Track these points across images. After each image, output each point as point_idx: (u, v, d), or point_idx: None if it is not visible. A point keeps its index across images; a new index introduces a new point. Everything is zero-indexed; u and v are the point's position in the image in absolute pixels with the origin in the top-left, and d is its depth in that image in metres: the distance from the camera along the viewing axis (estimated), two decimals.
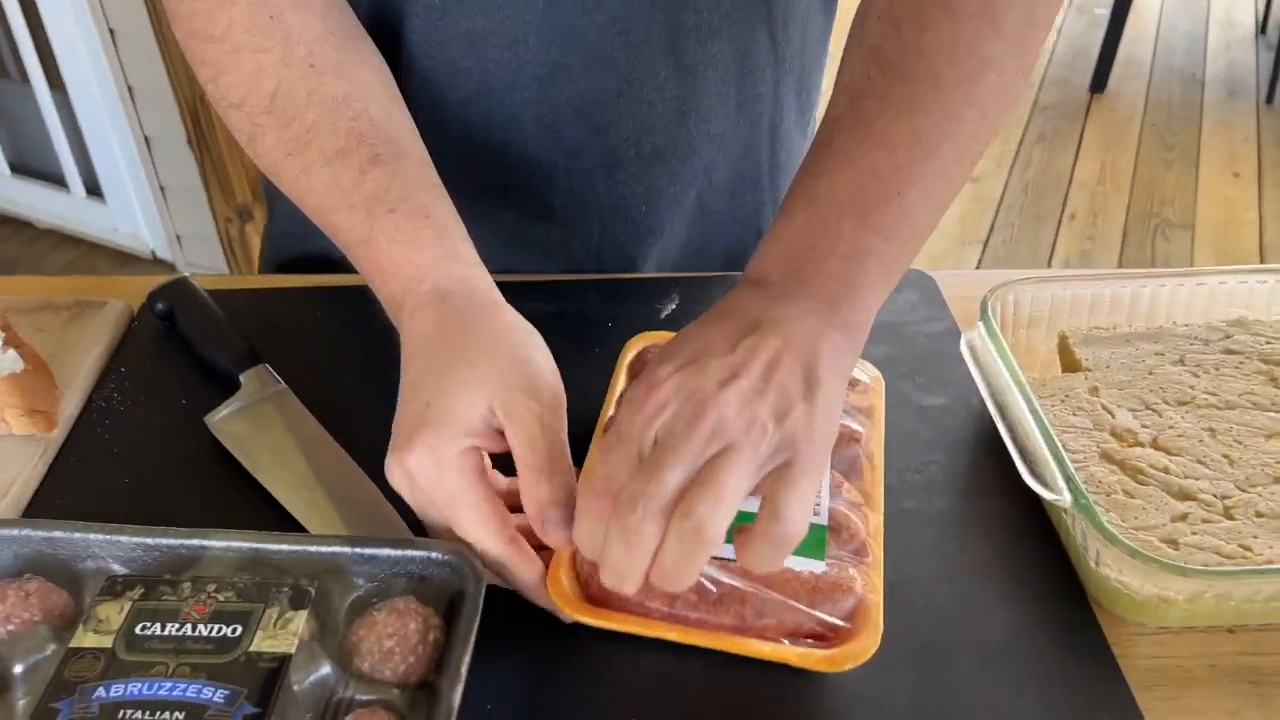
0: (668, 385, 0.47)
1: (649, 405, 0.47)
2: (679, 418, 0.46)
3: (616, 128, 0.75)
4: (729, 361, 0.47)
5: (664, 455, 0.45)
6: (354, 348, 0.74)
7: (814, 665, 0.51)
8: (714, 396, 0.46)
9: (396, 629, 0.49)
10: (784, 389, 0.47)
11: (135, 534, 0.54)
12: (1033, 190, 2.97)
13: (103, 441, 0.67)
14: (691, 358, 0.48)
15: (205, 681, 0.47)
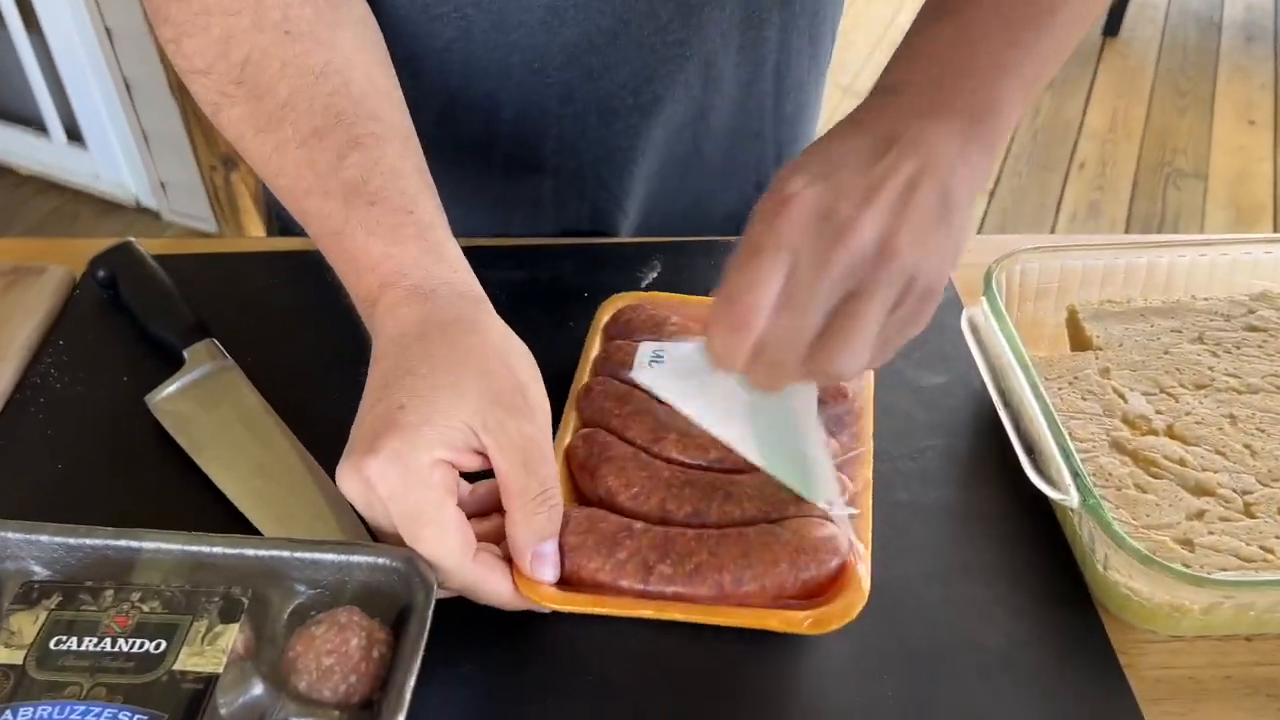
0: (804, 200, 0.44)
1: (785, 218, 0.44)
2: (817, 245, 0.43)
3: (612, 73, 0.70)
4: (867, 180, 0.44)
5: (804, 290, 0.43)
6: (316, 321, 0.69)
7: (798, 628, 0.48)
8: (853, 221, 0.43)
9: (336, 645, 0.45)
10: (923, 213, 0.44)
11: (57, 533, 0.49)
12: (1041, 138, 2.89)
13: (37, 422, 0.62)
14: (826, 172, 0.45)
15: (121, 705, 0.43)
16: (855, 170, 0.45)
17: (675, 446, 0.56)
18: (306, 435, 0.60)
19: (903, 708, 0.49)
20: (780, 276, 0.44)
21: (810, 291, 0.43)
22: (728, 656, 0.50)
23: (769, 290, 0.43)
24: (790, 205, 0.44)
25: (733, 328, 0.44)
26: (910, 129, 0.46)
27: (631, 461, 0.55)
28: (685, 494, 0.53)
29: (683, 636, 0.51)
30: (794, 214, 0.44)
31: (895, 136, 0.46)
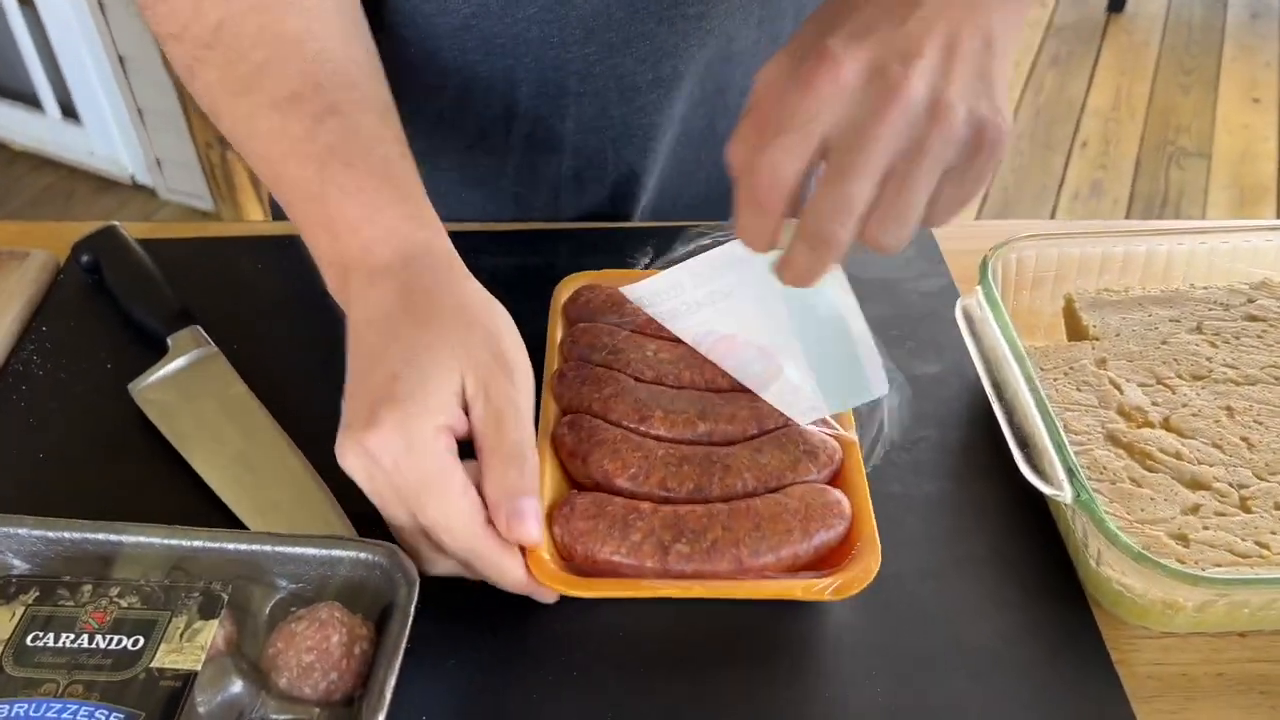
0: (847, 63, 0.40)
1: (824, 84, 0.40)
2: (862, 109, 0.40)
3: (631, 48, 0.68)
4: (907, 33, 0.41)
5: (853, 158, 0.40)
6: (302, 308, 0.68)
7: (820, 597, 0.48)
8: (899, 79, 0.40)
9: (317, 641, 0.44)
10: (970, 64, 0.41)
11: (35, 526, 0.49)
12: (1044, 117, 2.87)
13: (19, 410, 0.61)
14: (861, 28, 0.41)
15: (98, 703, 0.42)
16: (893, 22, 0.41)
17: (663, 424, 0.55)
18: (292, 424, 0.60)
19: (893, 704, 0.48)
20: (806, 152, 0.41)
21: (861, 161, 0.40)
22: (721, 641, 0.50)
23: (795, 166, 0.41)
24: (833, 69, 0.40)
25: (759, 207, 0.42)
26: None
27: (623, 443, 0.54)
28: (684, 470, 0.53)
29: (665, 618, 0.51)
30: (841, 78, 0.40)
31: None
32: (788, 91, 0.41)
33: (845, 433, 0.56)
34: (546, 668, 0.49)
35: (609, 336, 0.60)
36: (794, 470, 0.53)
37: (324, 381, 0.63)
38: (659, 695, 0.48)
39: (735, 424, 0.56)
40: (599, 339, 0.60)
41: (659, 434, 0.55)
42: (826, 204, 0.41)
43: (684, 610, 0.51)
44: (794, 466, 0.53)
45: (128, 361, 0.64)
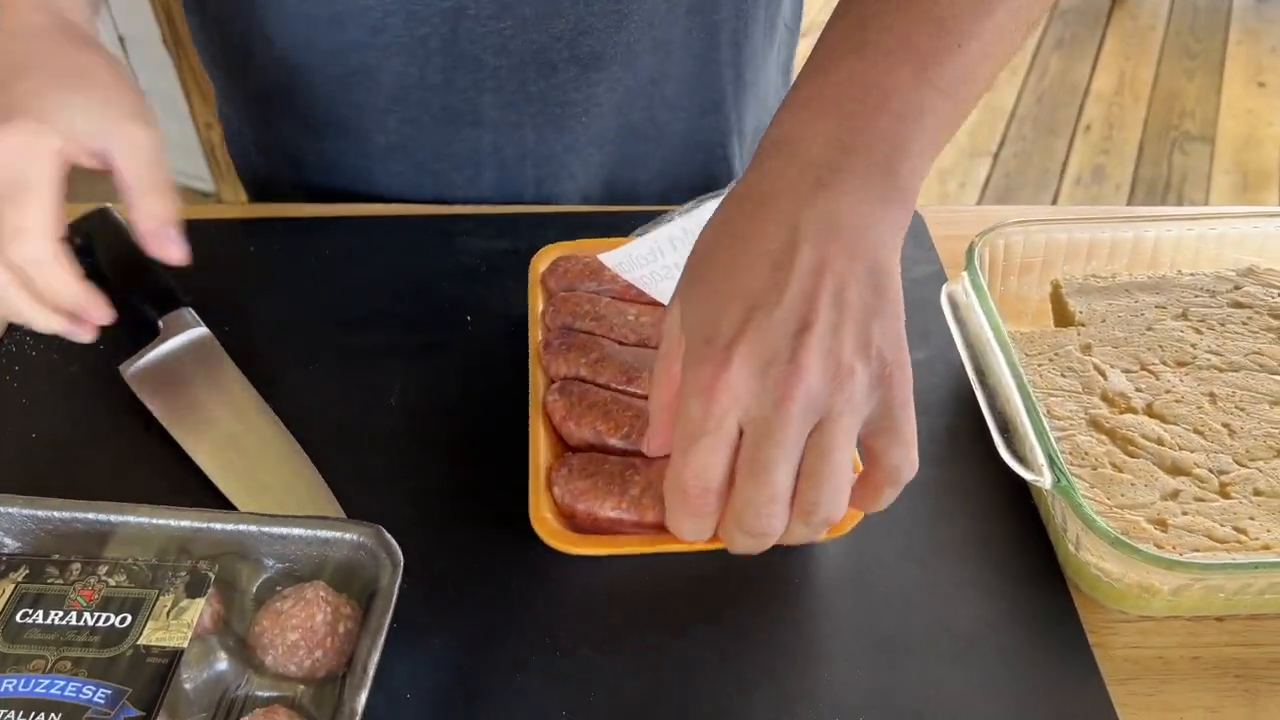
0: (735, 363, 0.40)
1: (722, 391, 0.40)
2: (764, 402, 0.40)
3: (547, 24, 0.69)
4: (790, 308, 0.40)
5: (765, 453, 0.40)
6: (292, 290, 0.69)
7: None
8: (793, 364, 0.40)
9: (302, 620, 0.45)
10: (859, 310, 0.41)
11: (26, 505, 0.49)
12: (1047, 101, 2.85)
13: (11, 390, 0.62)
14: (746, 312, 0.41)
15: (86, 679, 0.43)
16: (775, 293, 0.41)
17: (648, 383, 0.56)
18: (282, 406, 0.60)
19: (874, 684, 0.49)
20: (726, 452, 0.41)
21: (774, 451, 0.40)
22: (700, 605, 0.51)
23: (720, 469, 0.41)
24: (725, 371, 0.40)
25: (694, 513, 0.43)
26: (817, 205, 0.42)
27: (613, 404, 0.56)
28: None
29: (646, 587, 0.52)
30: (732, 382, 0.40)
31: (801, 223, 0.42)
32: (689, 397, 0.41)
33: None
34: (529, 648, 0.50)
35: (590, 304, 0.61)
36: None
37: (314, 364, 0.64)
38: (639, 676, 0.49)
39: None
40: (580, 306, 0.61)
41: (647, 393, 0.57)
42: (753, 498, 0.41)
43: (663, 574, 0.52)
44: None
45: (119, 343, 0.64)
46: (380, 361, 0.63)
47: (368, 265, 0.70)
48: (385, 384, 0.62)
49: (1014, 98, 2.87)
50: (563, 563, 0.52)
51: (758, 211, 0.43)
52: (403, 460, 0.58)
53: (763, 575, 0.53)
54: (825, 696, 0.48)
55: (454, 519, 0.55)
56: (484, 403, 0.61)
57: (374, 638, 0.44)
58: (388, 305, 0.67)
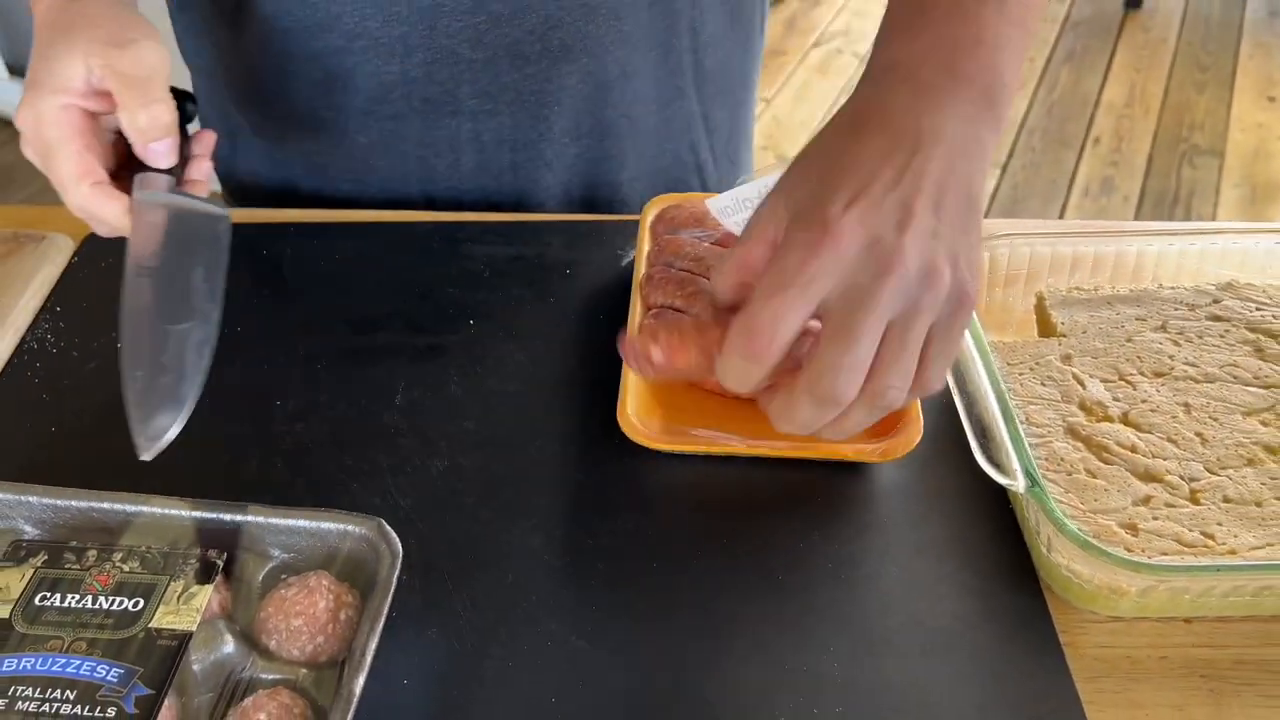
0: (844, 232, 0.43)
1: (828, 248, 0.43)
2: (863, 272, 0.43)
3: (519, 19, 0.73)
4: (900, 197, 0.44)
5: (857, 319, 0.43)
6: (301, 292, 0.72)
7: (869, 459, 0.58)
8: (894, 246, 0.43)
9: (305, 607, 0.48)
10: (956, 225, 0.45)
11: (44, 494, 0.52)
12: (1057, 113, 2.87)
13: (32, 385, 0.65)
14: (858, 190, 0.44)
15: (100, 659, 0.45)
16: (887, 183, 0.44)
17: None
18: (291, 402, 0.63)
19: (850, 679, 0.51)
20: (806, 311, 0.44)
21: (866, 322, 0.43)
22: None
23: (794, 324, 0.44)
24: (835, 239, 0.43)
25: (751, 356, 0.44)
26: (928, 120, 0.46)
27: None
28: None
29: (635, 568, 0.54)
30: (841, 247, 0.43)
31: (915, 133, 0.46)
32: (789, 250, 0.44)
33: None
34: (522, 639, 0.52)
35: (691, 247, 0.66)
36: None
37: (322, 363, 0.67)
38: (626, 667, 0.51)
39: None
40: (682, 249, 0.66)
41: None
42: (834, 362, 0.44)
43: (651, 563, 0.54)
44: None
45: None
46: (385, 362, 0.66)
47: (375, 269, 0.72)
48: (389, 383, 0.64)
49: (1024, 109, 2.88)
50: (553, 555, 0.55)
51: (879, 115, 0.47)
52: (405, 456, 0.60)
53: (746, 571, 0.55)
54: (805, 687, 0.50)
55: (453, 513, 0.58)
56: (483, 401, 0.64)
57: (373, 624, 0.47)
58: (394, 308, 0.69)
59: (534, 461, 0.60)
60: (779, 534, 0.57)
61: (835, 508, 0.58)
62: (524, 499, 0.58)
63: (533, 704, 0.50)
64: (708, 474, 0.60)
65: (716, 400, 0.62)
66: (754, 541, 0.56)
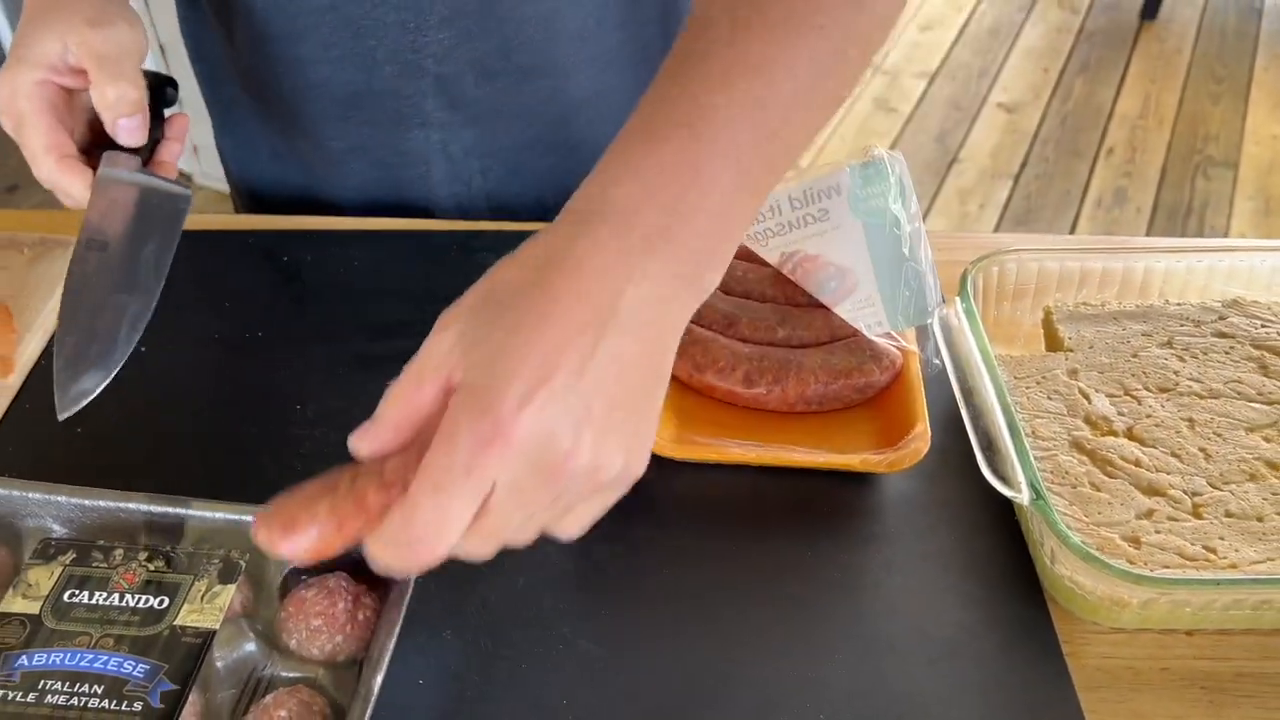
0: (519, 429, 0.39)
1: (495, 452, 0.39)
2: (527, 474, 0.40)
3: (484, 37, 0.75)
4: (582, 393, 0.40)
5: (501, 524, 0.40)
6: (319, 298, 0.73)
7: (876, 468, 0.59)
8: (567, 454, 0.40)
9: (324, 608, 0.49)
10: (637, 408, 0.42)
11: (72, 494, 0.54)
12: (1070, 123, 2.87)
13: None
14: (538, 380, 0.39)
15: (127, 654, 0.47)
16: (568, 373, 0.39)
17: (748, 329, 0.65)
18: (308, 410, 0.64)
19: (853, 685, 0.52)
20: (476, 505, 0.39)
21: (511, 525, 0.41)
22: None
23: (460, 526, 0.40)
24: (506, 434, 0.39)
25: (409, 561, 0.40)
26: (626, 298, 0.41)
27: (713, 343, 0.64)
28: (765, 365, 0.63)
29: (646, 575, 0.54)
30: (512, 446, 0.39)
31: (608, 310, 0.41)
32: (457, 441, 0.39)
33: (907, 345, 0.65)
34: (533, 639, 0.53)
35: None
36: (860, 370, 0.63)
37: (340, 369, 0.68)
38: (634, 670, 0.52)
39: (811, 331, 0.65)
40: None
41: (744, 336, 0.65)
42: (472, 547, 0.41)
43: (660, 571, 0.56)
44: (860, 367, 0.63)
45: (162, 343, 0.68)
46: (398, 370, 0.67)
47: (392, 277, 0.74)
48: None
49: (1038, 120, 2.88)
50: (563, 560, 0.56)
51: (572, 275, 0.41)
52: None
53: (754, 578, 0.56)
54: (811, 693, 0.52)
55: None
56: None
57: (391, 625, 0.48)
58: (409, 316, 0.70)
59: None
60: (788, 542, 0.58)
61: (843, 517, 0.59)
62: None
63: (544, 705, 0.51)
64: (718, 482, 0.61)
65: (727, 410, 0.64)
66: (763, 550, 0.58)
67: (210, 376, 0.67)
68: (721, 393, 0.63)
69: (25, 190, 2.50)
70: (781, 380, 0.62)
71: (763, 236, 0.64)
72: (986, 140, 2.79)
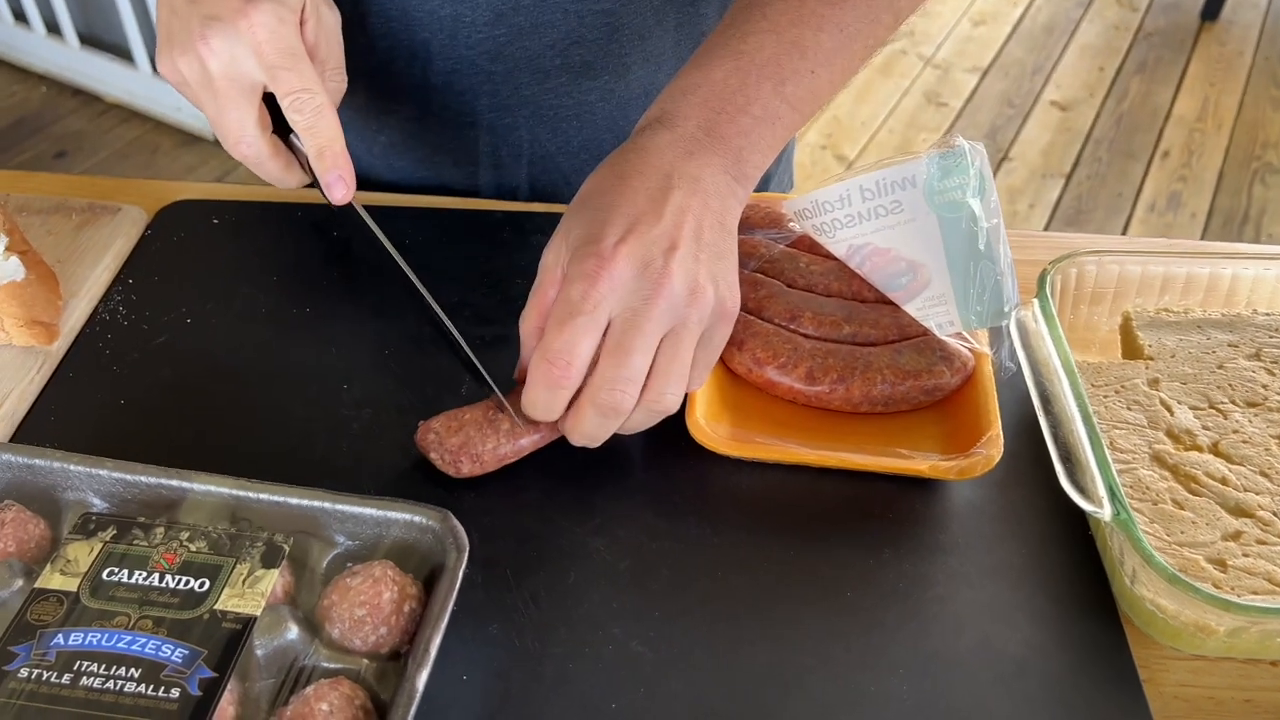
0: (619, 258, 0.49)
1: (605, 279, 0.49)
2: (636, 295, 0.49)
3: (540, 33, 0.72)
4: (665, 229, 0.50)
5: (631, 339, 0.49)
6: (371, 276, 0.71)
7: (945, 475, 0.56)
8: (662, 271, 0.49)
9: (369, 597, 0.47)
10: (714, 250, 0.52)
11: (115, 468, 0.52)
12: (1126, 124, 2.80)
13: (103, 359, 0.65)
14: (628, 226, 0.50)
15: (165, 638, 0.45)
16: (653, 219, 0.50)
17: (811, 323, 0.62)
18: (354, 389, 0.62)
19: (918, 701, 0.49)
20: (596, 335, 0.50)
21: (640, 339, 0.49)
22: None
23: (587, 348, 0.50)
24: (609, 264, 0.49)
25: (553, 384, 0.50)
26: (686, 167, 0.52)
27: (775, 336, 0.61)
28: (829, 363, 0.60)
29: (700, 577, 0.52)
30: (615, 273, 0.49)
31: (673, 176, 0.52)
32: (572, 283, 0.50)
33: (979, 346, 0.61)
34: (582, 639, 0.51)
35: (766, 249, 0.66)
36: (930, 372, 0.60)
37: (390, 349, 0.66)
38: (685, 674, 0.50)
39: (878, 329, 0.62)
40: (756, 250, 0.66)
41: (807, 332, 0.62)
42: (612, 376, 0.50)
43: (715, 573, 0.53)
44: (930, 369, 0.60)
45: (206, 317, 0.67)
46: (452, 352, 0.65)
47: (445, 257, 0.72)
48: (455, 373, 0.64)
49: (1091, 119, 2.82)
50: (615, 557, 0.54)
51: (640, 162, 0.53)
52: None
53: (812, 585, 0.54)
54: (871, 706, 0.49)
55: (516, 509, 0.57)
56: None
57: (438, 618, 0.46)
58: (462, 298, 0.69)
59: (597, 460, 0.59)
60: (847, 549, 0.55)
61: (906, 525, 0.56)
62: (587, 498, 0.57)
63: (591, 708, 0.49)
64: (775, 482, 0.58)
65: (786, 408, 0.61)
66: (821, 555, 0.55)
67: (256, 352, 0.65)
68: (782, 390, 0.60)
69: (73, 156, 2.52)
70: (846, 379, 0.59)
71: (830, 228, 0.61)
72: (1038, 138, 2.73)
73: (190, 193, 0.77)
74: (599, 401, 0.50)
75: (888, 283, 0.61)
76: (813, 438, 0.59)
